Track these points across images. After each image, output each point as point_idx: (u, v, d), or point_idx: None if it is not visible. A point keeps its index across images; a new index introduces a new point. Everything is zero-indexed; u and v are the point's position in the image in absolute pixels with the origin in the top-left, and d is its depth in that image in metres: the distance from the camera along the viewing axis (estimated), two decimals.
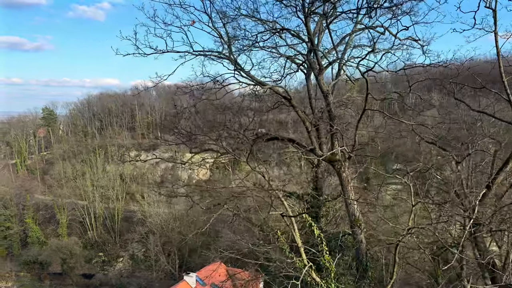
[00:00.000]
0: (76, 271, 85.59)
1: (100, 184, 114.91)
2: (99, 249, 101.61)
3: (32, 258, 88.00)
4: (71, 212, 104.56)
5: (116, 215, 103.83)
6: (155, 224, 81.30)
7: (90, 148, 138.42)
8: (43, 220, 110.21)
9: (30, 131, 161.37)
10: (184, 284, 52.00)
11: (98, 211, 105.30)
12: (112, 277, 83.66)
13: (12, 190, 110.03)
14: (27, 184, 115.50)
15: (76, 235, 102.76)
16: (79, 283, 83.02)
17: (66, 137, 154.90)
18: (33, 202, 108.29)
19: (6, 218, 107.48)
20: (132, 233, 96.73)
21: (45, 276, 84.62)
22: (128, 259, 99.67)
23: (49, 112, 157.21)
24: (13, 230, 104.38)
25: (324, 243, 13.21)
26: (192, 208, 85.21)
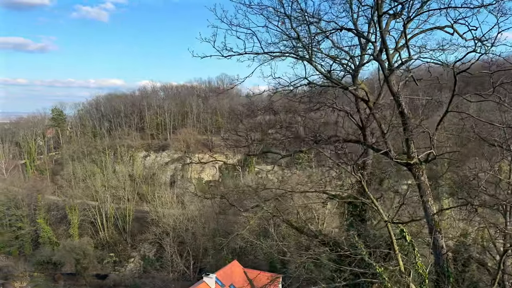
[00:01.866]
0: (89, 271, 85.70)
1: (110, 184, 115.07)
2: (110, 249, 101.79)
3: (46, 259, 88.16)
4: (83, 213, 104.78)
5: (127, 215, 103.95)
6: (168, 224, 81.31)
7: (100, 149, 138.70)
8: (54, 221, 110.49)
9: (39, 131, 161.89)
10: (204, 285, 51.95)
11: (109, 211, 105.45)
12: (126, 278, 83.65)
13: (24, 191, 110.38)
14: (38, 185, 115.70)
15: (88, 236, 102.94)
16: (92, 284, 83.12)
17: (75, 137, 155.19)
18: (44, 203, 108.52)
19: (18, 219, 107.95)
20: (145, 234, 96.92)
21: (59, 276, 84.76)
22: (139, 259, 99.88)
23: (59, 112, 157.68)
24: (24, 230, 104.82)
25: (416, 250, 13.01)
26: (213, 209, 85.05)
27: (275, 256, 59.18)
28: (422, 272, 11.90)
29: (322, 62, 16.87)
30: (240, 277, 57.83)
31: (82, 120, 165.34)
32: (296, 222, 25.32)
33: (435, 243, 14.12)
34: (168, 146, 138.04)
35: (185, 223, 79.45)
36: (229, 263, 75.51)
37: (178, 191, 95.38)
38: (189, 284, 74.26)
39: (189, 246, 77.69)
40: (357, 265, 18.39)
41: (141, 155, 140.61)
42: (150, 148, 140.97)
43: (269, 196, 25.03)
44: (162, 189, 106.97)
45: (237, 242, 75.75)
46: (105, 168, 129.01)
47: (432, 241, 14.22)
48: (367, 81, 23.10)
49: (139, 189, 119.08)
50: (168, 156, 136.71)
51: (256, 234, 66.55)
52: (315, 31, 15.51)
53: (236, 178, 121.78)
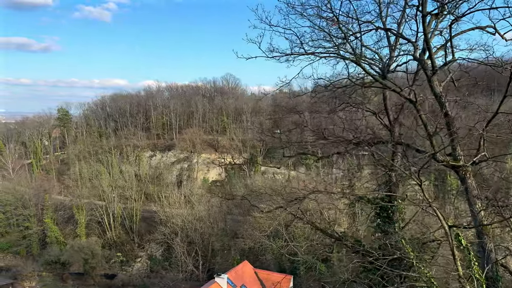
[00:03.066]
0: (97, 271, 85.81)
1: (118, 184, 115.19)
2: (117, 249, 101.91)
3: (54, 258, 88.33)
4: (90, 212, 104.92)
5: (135, 215, 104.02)
6: (177, 224, 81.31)
7: (106, 149, 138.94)
8: (62, 220, 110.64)
9: (44, 131, 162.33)
10: (216, 285, 51.75)
11: (117, 211, 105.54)
12: (134, 278, 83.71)
13: (31, 191, 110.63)
14: (45, 185, 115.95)
15: (95, 235, 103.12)
16: (100, 283, 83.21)
17: (81, 137, 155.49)
18: (51, 203, 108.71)
19: (25, 218, 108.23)
20: (152, 234, 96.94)
21: (67, 276, 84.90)
22: (146, 259, 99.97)
23: (65, 112, 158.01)
24: (32, 230, 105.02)
25: (472, 254, 12.81)
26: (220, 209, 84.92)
27: (286, 256, 59.08)
28: (479, 277, 11.69)
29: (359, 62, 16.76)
30: (251, 277, 57.66)
31: (87, 120, 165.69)
32: (320, 223, 25.13)
33: (483, 247, 13.95)
34: (174, 146, 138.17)
35: (194, 223, 79.39)
36: (237, 263, 75.53)
37: (186, 191, 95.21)
38: (199, 284, 74.19)
39: (197, 246, 77.64)
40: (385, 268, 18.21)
41: (147, 155, 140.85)
42: (156, 148, 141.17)
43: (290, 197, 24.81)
44: (169, 189, 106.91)
45: (246, 242, 75.88)
46: (112, 168, 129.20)
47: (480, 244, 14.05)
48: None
49: (146, 189, 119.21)
50: (174, 156, 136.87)
51: (267, 234, 66.50)
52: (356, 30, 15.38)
53: (243, 178, 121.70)
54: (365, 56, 17.92)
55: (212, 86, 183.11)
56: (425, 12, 12.71)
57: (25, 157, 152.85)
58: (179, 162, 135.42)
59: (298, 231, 62.04)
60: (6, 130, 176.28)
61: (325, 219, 27.05)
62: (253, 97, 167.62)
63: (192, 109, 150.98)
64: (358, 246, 22.07)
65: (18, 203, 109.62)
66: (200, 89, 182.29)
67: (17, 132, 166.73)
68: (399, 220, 20.78)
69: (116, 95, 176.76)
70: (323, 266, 56.49)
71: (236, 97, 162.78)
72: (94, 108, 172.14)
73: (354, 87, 18.52)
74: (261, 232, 67.31)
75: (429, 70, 13.35)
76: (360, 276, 22.60)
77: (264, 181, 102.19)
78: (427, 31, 12.98)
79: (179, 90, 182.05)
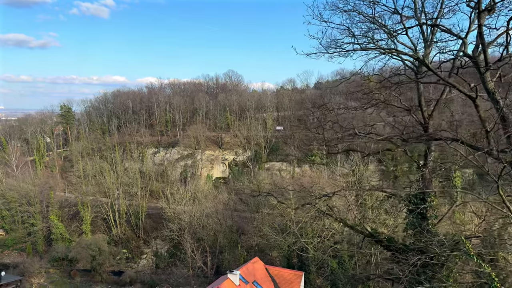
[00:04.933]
0: (104, 267, 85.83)
1: (123, 181, 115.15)
2: (123, 246, 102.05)
3: (61, 255, 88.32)
4: (95, 209, 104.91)
5: (140, 212, 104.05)
6: (184, 221, 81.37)
7: (110, 145, 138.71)
8: (67, 217, 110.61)
9: (46, 128, 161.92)
10: (228, 281, 51.83)
11: (122, 207, 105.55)
12: (142, 274, 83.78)
13: (36, 188, 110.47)
14: (50, 182, 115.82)
15: (100, 232, 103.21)
16: (108, 280, 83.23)
17: (84, 134, 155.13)
18: (56, 200, 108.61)
19: (30, 215, 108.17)
20: (158, 230, 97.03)
21: (75, 273, 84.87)
22: (152, 255, 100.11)
23: (67, 109, 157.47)
24: (37, 227, 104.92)
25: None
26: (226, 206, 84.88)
27: (298, 253, 59.28)
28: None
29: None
30: (262, 274, 57.68)
31: (90, 116, 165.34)
32: (350, 220, 25.16)
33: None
34: (178, 143, 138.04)
35: (202, 219, 79.47)
36: (244, 260, 75.76)
37: (192, 188, 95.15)
38: (207, 280, 74.41)
39: (206, 243, 77.75)
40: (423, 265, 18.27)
41: (150, 152, 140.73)
42: (160, 144, 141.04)
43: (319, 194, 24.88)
44: (174, 186, 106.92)
45: (254, 239, 76.08)
46: (116, 165, 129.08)
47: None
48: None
49: (150, 185, 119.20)
50: (178, 153, 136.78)
51: (276, 231, 66.71)
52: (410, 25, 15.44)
53: (247, 174, 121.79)
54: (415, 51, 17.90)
55: (214, 83, 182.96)
56: (481, 9, 12.75)
57: (28, 154, 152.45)
58: (183, 159, 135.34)
59: (308, 228, 62.18)
60: (8, 127, 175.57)
61: (355, 215, 27.06)
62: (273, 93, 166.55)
63: (195, 106, 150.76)
64: (390, 243, 22.14)
65: (23, 200, 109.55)
66: (203, 85, 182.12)
67: (20, 129, 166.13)
68: (432, 217, 20.84)
69: (118, 92, 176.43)
70: (334, 262, 56.78)
71: (240, 93, 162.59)
72: (96, 105, 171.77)
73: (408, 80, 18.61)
74: (271, 228, 67.60)
75: (483, 66, 13.40)
76: (391, 272, 22.66)
77: (271, 178, 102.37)
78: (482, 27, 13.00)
79: (181, 87, 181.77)
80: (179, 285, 73.64)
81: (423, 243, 17.58)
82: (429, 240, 17.63)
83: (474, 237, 17.29)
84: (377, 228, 27.43)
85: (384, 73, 21.42)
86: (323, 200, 24.05)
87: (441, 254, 17.09)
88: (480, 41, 13.27)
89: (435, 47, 18.47)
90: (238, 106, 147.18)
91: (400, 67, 21.40)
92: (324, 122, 22.00)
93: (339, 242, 57.96)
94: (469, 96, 13.91)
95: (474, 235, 17.44)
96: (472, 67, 14.02)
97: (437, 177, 20.61)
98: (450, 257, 18.02)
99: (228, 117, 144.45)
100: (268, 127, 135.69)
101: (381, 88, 21.20)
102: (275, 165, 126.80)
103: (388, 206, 49.15)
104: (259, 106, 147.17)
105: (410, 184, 22.23)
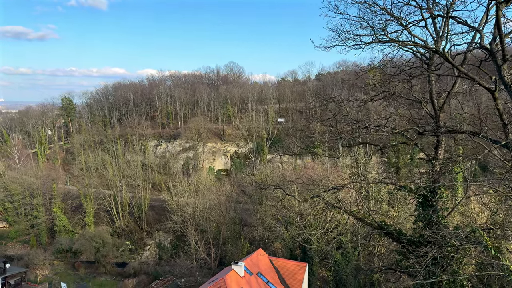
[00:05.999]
0: (108, 259, 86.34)
1: (124, 173, 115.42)
2: (126, 237, 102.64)
3: (65, 247, 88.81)
4: (98, 202, 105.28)
5: (143, 204, 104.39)
6: (187, 213, 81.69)
7: (112, 138, 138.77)
8: (70, 209, 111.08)
9: (47, 120, 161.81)
10: (233, 272, 52.22)
11: (125, 200, 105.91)
12: (145, 265, 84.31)
13: (39, 180, 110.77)
14: (53, 174, 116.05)
15: (103, 224, 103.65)
16: (112, 272, 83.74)
17: (85, 126, 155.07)
18: (59, 192, 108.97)
19: (33, 207, 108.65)
20: (161, 222, 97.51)
21: (79, 264, 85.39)
22: (155, 247, 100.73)
23: (68, 102, 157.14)
24: (40, 219, 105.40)
25: None
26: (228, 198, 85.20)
27: (302, 244, 59.57)
28: None
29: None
30: (266, 265, 58.08)
31: (91, 109, 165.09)
32: (358, 212, 25.24)
33: None
34: (180, 135, 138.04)
35: (205, 211, 79.79)
36: (247, 251, 76.20)
37: (195, 180, 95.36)
38: (211, 272, 74.94)
39: (209, 234, 78.12)
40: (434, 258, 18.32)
41: (152, 144, 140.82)
42: (161, 137, 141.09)
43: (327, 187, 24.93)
44: (177, 178, 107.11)
45: (257, 230, 76.48)
46: (118, 157, 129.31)
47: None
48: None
49: (152, 178, 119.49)
50: (179, 145, 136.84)
51: (280, 223, 67.01)
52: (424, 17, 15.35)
53: (249, 166, 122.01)
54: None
55: (215, 75, 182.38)
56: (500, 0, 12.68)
57: (29, 146, 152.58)
58: (184, 151, 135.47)
59: (311, 219, 62.37)
60: (9, 120, 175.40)
61: (365, 208, 27.14)
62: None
63: (196, 98, 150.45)
64: (399, 235, 22.23)
65: (25, 192, 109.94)
66: (204, 78, 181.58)
67: (21, 121, 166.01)
68: (442, 209, 20.90)
69: (119, 84, 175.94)
70: (338, 254, 57.07)
71: (241, 85, 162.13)
72: (97, 97, 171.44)
73: (421, 72, 18.63)
74: (274, 220, 67.88)
75: (500, 59, 13.34)
76: (400, 264, 22.79)
77: (272, 170, 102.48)
78: (500, 18, 12.92)
79: (182, 79, 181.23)
80: (183, 276, 74.03)
81: (440, 236, 17.59)
82: (444, 232, 17.70)
83: (486, 229, 17.39)
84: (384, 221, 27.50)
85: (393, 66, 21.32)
86: (332, 192, 24.10)
87: (459, 246, 17.13)
88: (498, 33, 13.22)
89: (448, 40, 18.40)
90: (239, 98, 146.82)
91: (410, 59, 21.34)
92: (338, 116, 21.96)
93: (342, 233, 58.19)
94: (487, 89, 13.88)
95: (486, 227, 17.55)
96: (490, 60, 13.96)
97: (446, 170, 20.58)
98: (461, 249, 18.12)
99: (229, 109, 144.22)
100: (269, 119, 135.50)
101: (392, 80, 21.14)
102: (277, 157, 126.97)
103: (394, 198, 49.28)
104: (261, 98, 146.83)
105: (420, 176, 22.27)
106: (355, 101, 23.43)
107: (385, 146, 22.35)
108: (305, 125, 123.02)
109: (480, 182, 19.49)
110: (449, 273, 18.19)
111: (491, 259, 13.50)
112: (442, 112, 20.61)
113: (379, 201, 55.68)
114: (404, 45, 16.49)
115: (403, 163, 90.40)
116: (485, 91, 21.00)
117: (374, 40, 15.84)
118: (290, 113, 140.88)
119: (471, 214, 28.53)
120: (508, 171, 15.74)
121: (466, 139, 21.51)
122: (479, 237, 14.97)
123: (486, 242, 13.89)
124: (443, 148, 21.03)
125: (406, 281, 24.53)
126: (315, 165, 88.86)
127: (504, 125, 13.61)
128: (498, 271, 13.25)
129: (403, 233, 22.51)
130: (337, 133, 19.71)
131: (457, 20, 14.75)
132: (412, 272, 20.25)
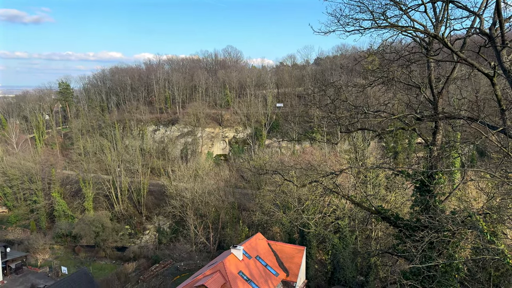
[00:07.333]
0: (108, 243, 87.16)
1: (124, 158, 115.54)
2: (125, 222, 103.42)
3: (65, 231, 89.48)
4: (97, 186, 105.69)
5: (142, 189, 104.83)
6: (186, 197, 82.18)
7: (110, 123, 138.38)
8: (69, 194, 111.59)
9: (45, 105, 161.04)
10: (232, 256, 52.92)
11: (123, 184, 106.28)
12: (145, 249, 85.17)
13: (37, 165, 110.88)
14: (51, 159, 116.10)
15: (102, 209, 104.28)
16: (112, 256, 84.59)
17: (83, 111, 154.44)
18: (58, 177, 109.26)
19: (33, 192, 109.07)
20: (160, 207, 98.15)
21: (79, 249, 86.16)
22: (154, 231, 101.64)
23: (66, 86, 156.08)
24: (40, 204, 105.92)
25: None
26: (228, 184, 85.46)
27: (299, 228, 60.15)
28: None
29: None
30: (265, 249, 58.77)
31: (88, 93, 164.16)
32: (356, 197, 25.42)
33: None
34: (178, 120, 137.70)
35: (204, 196, 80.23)
36: (246, 236, 77.03)
37: (194, 165, 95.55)
38: (210, 255, 75.85)
39: (208, 219, 78.75)
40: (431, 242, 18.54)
41: (150, 129, 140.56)
42: (160, 122, 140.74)
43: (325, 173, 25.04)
44: (175, 163, 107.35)
45: (256, 215, 77.05)
46: (116, 142, 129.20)
47: None
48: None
49: (151, 163, 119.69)
50: (178, 130, 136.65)
51: (278, 208, 67.58)
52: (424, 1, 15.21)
53: (247, 151, 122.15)
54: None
55: (213, 59, 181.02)
56: None
57: (27, 131, 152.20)
58: (183, 136, 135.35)
59: (309, 204, 62.87)
60: (6, 104, 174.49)
61: (363, 192, 27.32)
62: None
63: (194, 83, 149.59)
64: (397, 219, 22.46)
65: (24, 177, 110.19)
66: (201, 62, 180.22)
67: (18, 106, 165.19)
68: (439, 194, 21.07)
69: (116, 68, 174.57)
70: (336, 238, 57.75)
71: (239, 70, 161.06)
72: (95, 82, 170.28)
73: (421, 56, 18.56)
74: (273, 204, 68.39)
75: (499, 44, 13.28)
76: (397, 248, 23.06)
77: (270, 155, 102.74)
78: (500, 3, 12.82)
79: (179, 63, 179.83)
80: (182, 260, 74.95)
81: (436, 221, 17.80)
82: (441, 217, 17.91)
83: (483, 214, 17.61)
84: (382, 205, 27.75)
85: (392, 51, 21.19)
86: (330, 177, 24.23)
87: (456, 231, 17.35)
88: (498, 18, 13.12)
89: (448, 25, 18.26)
90: (237, 83, 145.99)
91: (410, 44, 21.21)
92: (337, 101, 21.94)
93: (340, 218, 58.72)
94: (486, 75, 13.85)
95: (483, 211, 17.76)
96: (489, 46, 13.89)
97: (443, 156, 20.68)
98: (457, 233, 18.35)
99: (227, 94, 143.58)
100: (268, 104, 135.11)
101: (391, 65, 21.05)
102: (276, 143, 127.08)
103: (392, 183, 49.57)
104: (259, 83, 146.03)
105: (418, 161, 22.38)
106: (354, 86, 23.34)
107: (384, 131, 22.36)
108: (304, 111, 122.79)
109: (477, 168, 19.63)
110: (445, 257, 18.49)
111: (487, 243, 13.72)
112: (440, 98, 20.60)
113: (376, 186, 56.05)
114: (403, 31, 16.35)
115: (401, 148, 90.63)
116: (483, 77, 21.03)
117: (374, 25, 15.70)
118: (289, 98, 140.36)
119: (468, 199, 28.85)
120: (505, 157, 15.90)
121: (464, 125, 21.61)
122: (475, 221, 15.17)
123: (482, 227, 14.08)
124: (441, 133, 21.09)
125: (402, 265, 24.93)
126: (313, 150, 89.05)
127: (502, 110, 13.65)
128: (493, 255, 13.49)
129: (400, 217, 22.74)
130: (335, 118, 19.72)
131: (457, 4, 14.63)
132: (409, 256, 20.58)
